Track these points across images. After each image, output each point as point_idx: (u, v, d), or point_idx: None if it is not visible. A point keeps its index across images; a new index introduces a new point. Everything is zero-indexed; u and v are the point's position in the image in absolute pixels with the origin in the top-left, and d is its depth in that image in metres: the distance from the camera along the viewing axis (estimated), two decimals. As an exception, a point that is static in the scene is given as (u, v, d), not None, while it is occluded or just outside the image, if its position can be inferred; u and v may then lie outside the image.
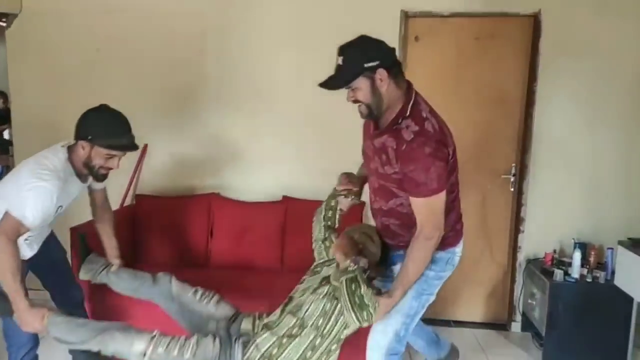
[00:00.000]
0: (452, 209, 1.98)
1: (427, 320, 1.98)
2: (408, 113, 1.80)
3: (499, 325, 3.59)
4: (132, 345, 1.83)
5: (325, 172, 3.40)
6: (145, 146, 3.53)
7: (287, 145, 3.52)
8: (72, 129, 2.14)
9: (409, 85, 1.87)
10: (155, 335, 1.85)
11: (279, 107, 3.49)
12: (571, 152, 3.37)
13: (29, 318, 1.92)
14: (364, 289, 1.74)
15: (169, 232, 3.35)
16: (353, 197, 2.19)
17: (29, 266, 2.31)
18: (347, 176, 2.21)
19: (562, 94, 3.32)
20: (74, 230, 2.76)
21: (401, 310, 1.96)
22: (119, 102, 3.64)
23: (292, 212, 3.32)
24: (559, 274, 3.03)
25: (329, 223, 2.21)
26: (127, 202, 3.49)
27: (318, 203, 2.32)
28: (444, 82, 3.43)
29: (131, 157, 3.52)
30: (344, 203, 2.20)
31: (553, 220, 3.41)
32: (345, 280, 1.74)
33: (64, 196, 2.13)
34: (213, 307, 2.11)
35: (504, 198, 3.51)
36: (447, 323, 3.57)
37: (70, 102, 3.59)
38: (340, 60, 1.79)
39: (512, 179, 3.46)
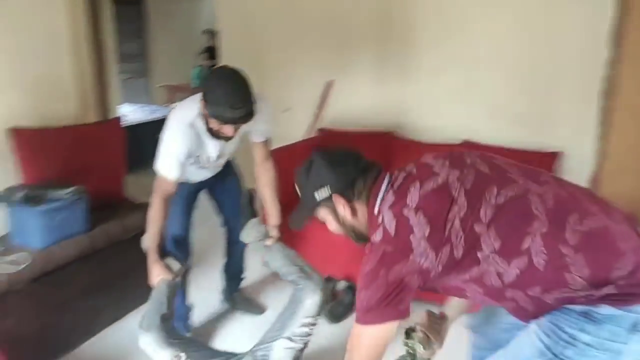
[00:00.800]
0: (553, 287, 1.18)
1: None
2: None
3: None
4: None
5: (514, 119, 3.15)
6: (332, 82, 3.66)
7: (473, 85, 3.26)
8: (273, 68, 2.10)
9: (374, 184, 1.39)
10: None
11: (467, 41, 3.22)
12: None
13: (152, 270, 2.01)
14: None
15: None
16: (433, 345, 1.62)
17: (206, 189, 2.47)
18: (430, 316, 1.65)
19: None
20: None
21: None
22: (326, 40, 3.77)
23: (474, 158, 3.15)
24: None
25: None
26: (311, 135, 3.69)
27: (500, 150, 2.15)
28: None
29: (317, 91, 3.70)
30: (422, 354, 1.62)
31: None
32: None
33: (198, 147, 2.08)
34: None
35: None
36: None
37: (271, 40, 3.83)
38: (298, 191, 1.46)
39: None
